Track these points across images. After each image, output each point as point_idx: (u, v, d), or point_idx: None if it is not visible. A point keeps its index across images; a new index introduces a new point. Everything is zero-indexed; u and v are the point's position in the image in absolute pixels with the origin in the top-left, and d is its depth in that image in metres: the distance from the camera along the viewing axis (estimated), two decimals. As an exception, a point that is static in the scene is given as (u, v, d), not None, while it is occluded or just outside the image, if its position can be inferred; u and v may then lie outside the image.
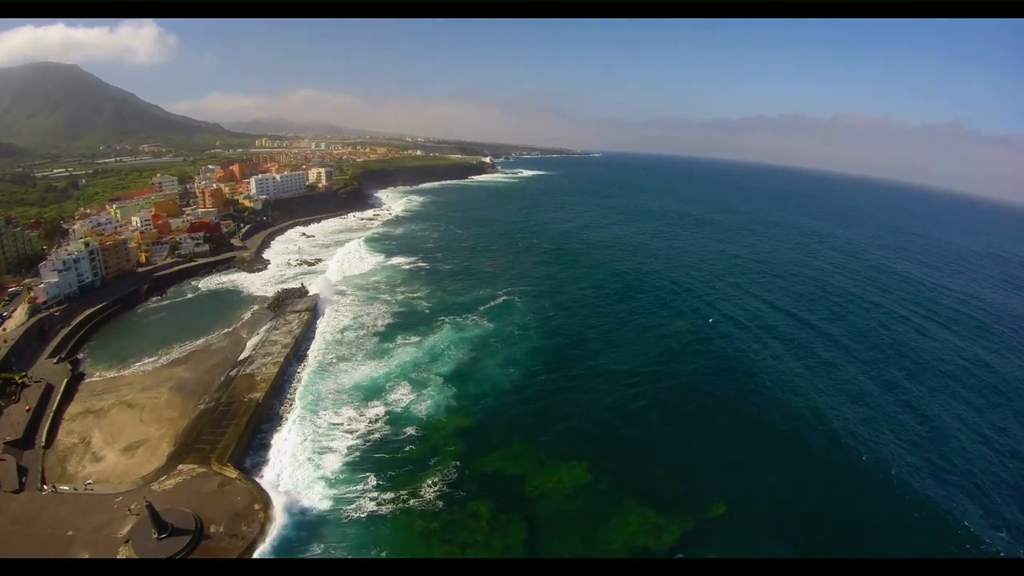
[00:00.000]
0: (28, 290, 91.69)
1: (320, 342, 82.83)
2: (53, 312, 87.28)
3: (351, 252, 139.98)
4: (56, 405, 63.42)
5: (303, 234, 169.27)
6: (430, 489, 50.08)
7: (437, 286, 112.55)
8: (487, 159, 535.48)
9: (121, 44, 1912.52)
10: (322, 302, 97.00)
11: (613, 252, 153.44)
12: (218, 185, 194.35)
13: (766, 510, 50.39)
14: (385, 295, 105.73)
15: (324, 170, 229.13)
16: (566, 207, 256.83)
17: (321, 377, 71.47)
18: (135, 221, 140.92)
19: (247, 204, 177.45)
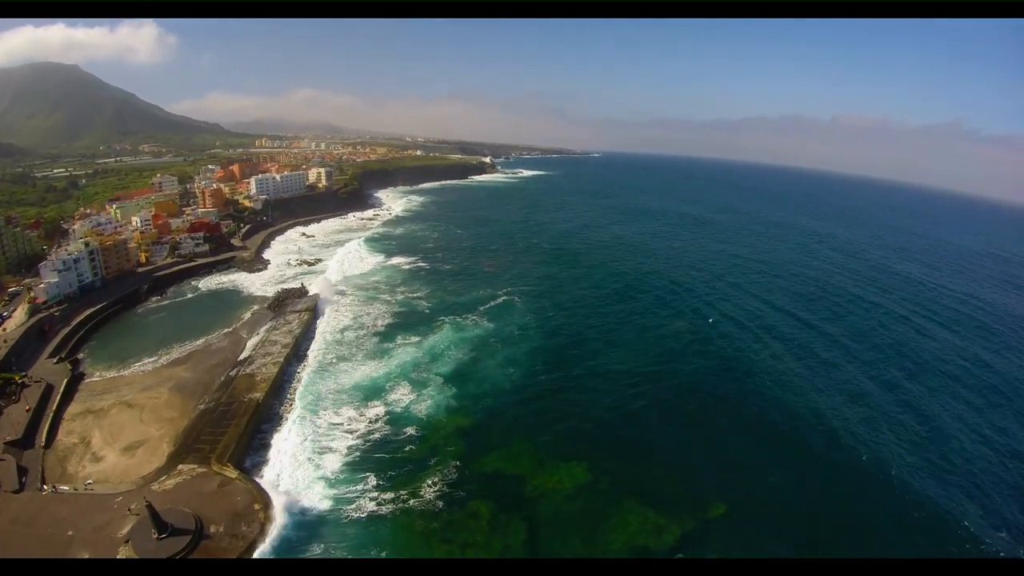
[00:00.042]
0: (28, 290, 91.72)
1: (320, 342, 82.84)
2: (53, 312, 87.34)
3: (351, 252, 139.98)
4: (56, 405, 63.43)
5: (303, 234, 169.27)
6: (430, 489, 50.06)
7: (437, 286, 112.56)
8: (487, 159, 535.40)
9: (121, 44, 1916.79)
10: (322, 302, 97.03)
11: (613, 252, 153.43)
12: (218, 185, 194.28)
13: (766, 510, 50.39)
14: (385, 295, 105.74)
15: (324, 170, 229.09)
16: (566, 207, 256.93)
17: (321, 377, 71.47)
18: (135, 221, 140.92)
19: (247, 204, 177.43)
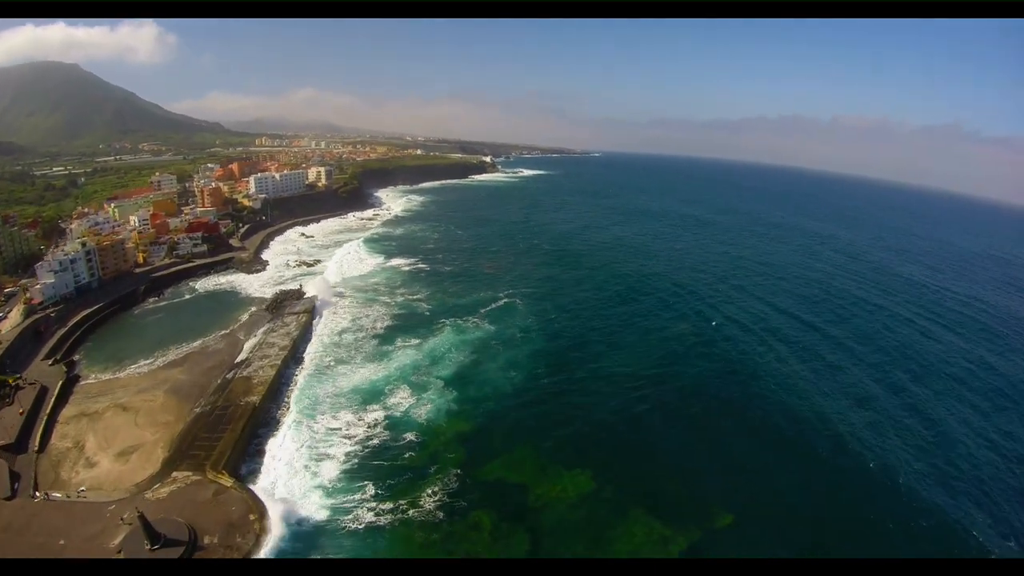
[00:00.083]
0: (24, 291, 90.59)
1: (318, 344, 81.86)
2: (49, 313, 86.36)
3: (350, 253, 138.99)
4: (50, 408, 62.41)
5: (302, 234, 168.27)
6: (430, 498, 48.91)
7: (437, 288, 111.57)
8: (487, 158, 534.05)
9: (121, 43, 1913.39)
10: (320, 304, 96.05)
11: (614, 253, 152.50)
12: (217, 184, 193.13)
13: (771, 514, 49.72)
14: (384, 297, 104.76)
15: (324, 169, 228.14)
16: (567, 207, 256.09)
17: (319, 380, 70.47)
18: (133, 221, 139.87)
19: (246, 203, 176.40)
